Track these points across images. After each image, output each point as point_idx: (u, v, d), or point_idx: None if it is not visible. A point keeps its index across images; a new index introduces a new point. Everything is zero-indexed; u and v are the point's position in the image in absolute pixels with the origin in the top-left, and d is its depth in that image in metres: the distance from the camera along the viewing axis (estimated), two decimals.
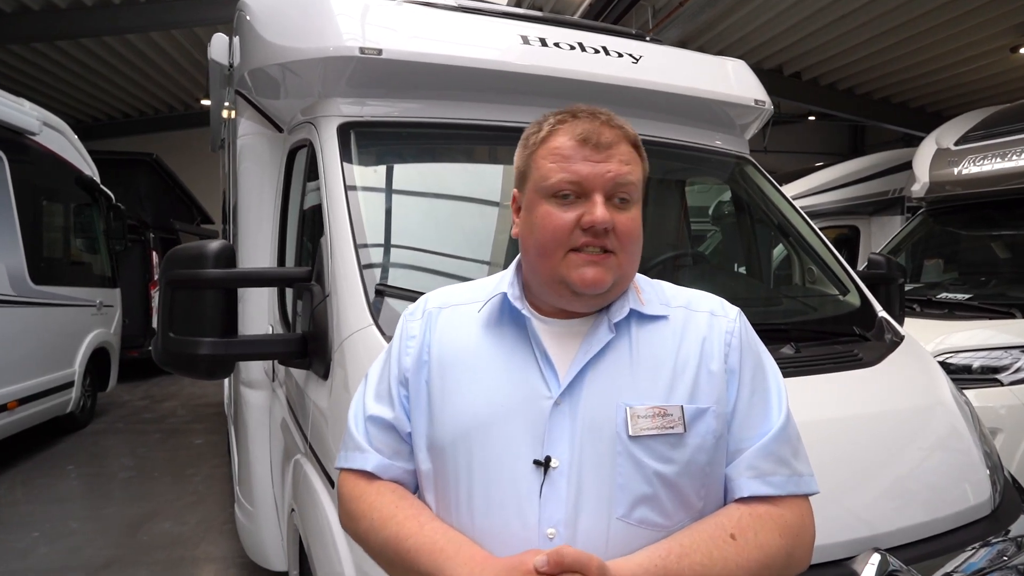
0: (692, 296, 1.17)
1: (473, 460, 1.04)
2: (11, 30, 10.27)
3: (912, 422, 1.86)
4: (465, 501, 1.04)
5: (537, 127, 1.12)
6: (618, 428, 1.01)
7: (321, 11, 2.39)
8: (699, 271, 2.92)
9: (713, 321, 1.12)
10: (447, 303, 1.19)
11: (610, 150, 1.05)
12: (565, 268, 1.04)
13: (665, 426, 1.02)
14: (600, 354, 1.06)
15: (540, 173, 1.08)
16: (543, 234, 1.06)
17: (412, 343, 1.15)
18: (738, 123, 3.03)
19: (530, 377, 1.05)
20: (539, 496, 0.99)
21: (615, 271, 1.05)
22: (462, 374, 1.09)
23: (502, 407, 1.04)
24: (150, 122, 16.57)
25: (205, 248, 1.90)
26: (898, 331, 2.39)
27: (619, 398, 1.03)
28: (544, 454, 1.00)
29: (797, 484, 1.07)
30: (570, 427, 1.02)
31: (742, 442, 1.06)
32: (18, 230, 5.66)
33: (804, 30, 10.60)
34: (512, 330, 1.10)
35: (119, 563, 3.92)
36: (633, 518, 1.00)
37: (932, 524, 1.68)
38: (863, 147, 16.87)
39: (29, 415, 5.80)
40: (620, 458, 1.00)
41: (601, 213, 1.02)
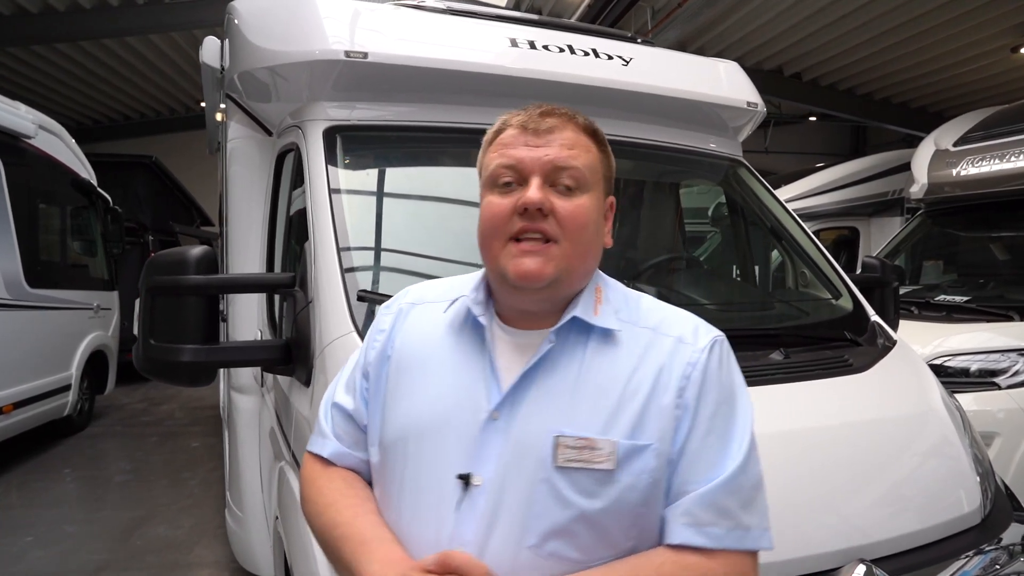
0: (666, 317, 1.07)
1: (408, 463, 1.03)
2: (10, 33, 10.29)
3: (901, 429, 1.83)
4: (396, 502, 1.04)
5: (491, 128, 1.11)
6: (545, 454, 0.95)
7: (307, 14, 2.38)
8: (690, 275, 2.90)
9: (678, 349, 1.02)
10: (421, 299, 1.17)
11: (550, 135, 1.02)
12: (504, 259, 0.99)
13: (592, 460, 0.94)
14: (548, 370, 1.00)
15: (485, 166, 1.07)
16: (484, 223, 1.03)
17: (380, 336, 1.14)
18: (731, 125, 3.00)
19: (475, 387, 1.02)
20: (455, 511, 0.97)
21: (558, 262, 0.98)
22: (416, 375, 1.07)
23: (442, 414, 1.02)
24: (150, 124, 16.60)
25: (186, 254, 1.88)
26: (891, 336, 2.36)
27: (553, 423, 0.97)
28: (473, 470, 0.97)
29: (739, 539, 0.96)
30: (501, 445, 0.97)
31: (686, 484, 0.97)
32: (13, 233, 5.64)
33: (804, 30, 10.57)
34: (471, 336, 1.06)
35: (112, 567, 3.91)
36: (544, 549, 0.94)
37: (921, 534, 1.65)
38: (864, 148, 16.81)
39: (25, 418, 5.79)
40: (541, 486, 0.95)
41: (534, 193, 0.98)
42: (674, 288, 2.58)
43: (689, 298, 2.49)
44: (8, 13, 10.02)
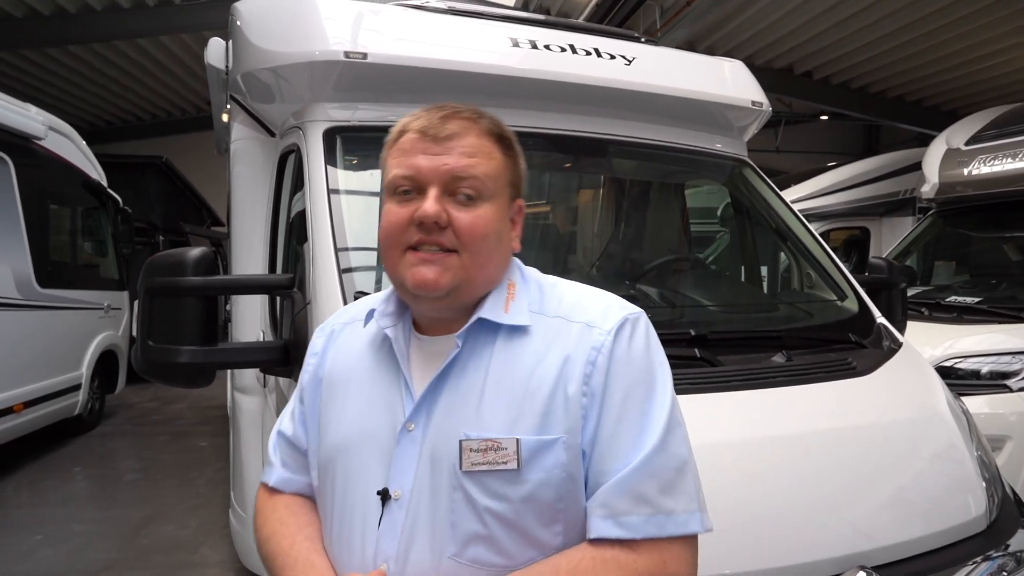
0: (579, 303, 1.03)
1: (336, 484, 1.02)
2: (24, 35, 10.40)
3: (904, 433, 1.80)
4: (328, 523, 1.04)
5: (392, 129, 1.06)
6: (455, 460, 0.93)
7: (307, 15, 2.38)
8: (692, 276, 2.87)
9: (584, 334, 0.97)
10: (353, 317, 1.14)
11: (450, 142, 0.97)
12: (402, 268, 0.97)
13: (497, 461, 0.92)
14: (458, 374, 0.98)
15: (386, 172, 1.03)
16: (382, 233, 1.01)
17: (312, 359, 1.14)
18: (736, 125, 2.97)
19: (391, 399, 1.00)
20: (376, 528, 0.96)
21: (456, 272, 0.96)
22: (341, 394, 1.06)
23: (363, 431, 1.01)
24: (161, 125, 16.73)
25: (184, 256, 1.88)
26: (896, 338, 2.33)
27: (461, 427, 0.95)
28: (391, 484, 0.96)
29: (660, 525, 0.91)
30: (416, 456, 0.96)
31: (601, 475, 0.93)
32: (24, 234, 5.70)
33: (814, 28, 10.48)
34: (387, 348, 1.04)
35: (119, 566, 3.93)
36: (465, 557, 0.93)
37: (924, 540, 1.62)
38: (877, 147, 16.66)
39: (36, 417, 5.84)
40: (455, 493, 0.93)
41: (430, 206, 0.94)
42: (675, 289, 2.56)
43: (691, 299, 2.47)
44: (21, 16, 10.13)
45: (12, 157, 5.51)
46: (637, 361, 0.97)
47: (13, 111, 5.60)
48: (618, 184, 3.14)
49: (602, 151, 2.73)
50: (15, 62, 11.99)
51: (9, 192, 5.51)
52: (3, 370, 5.31)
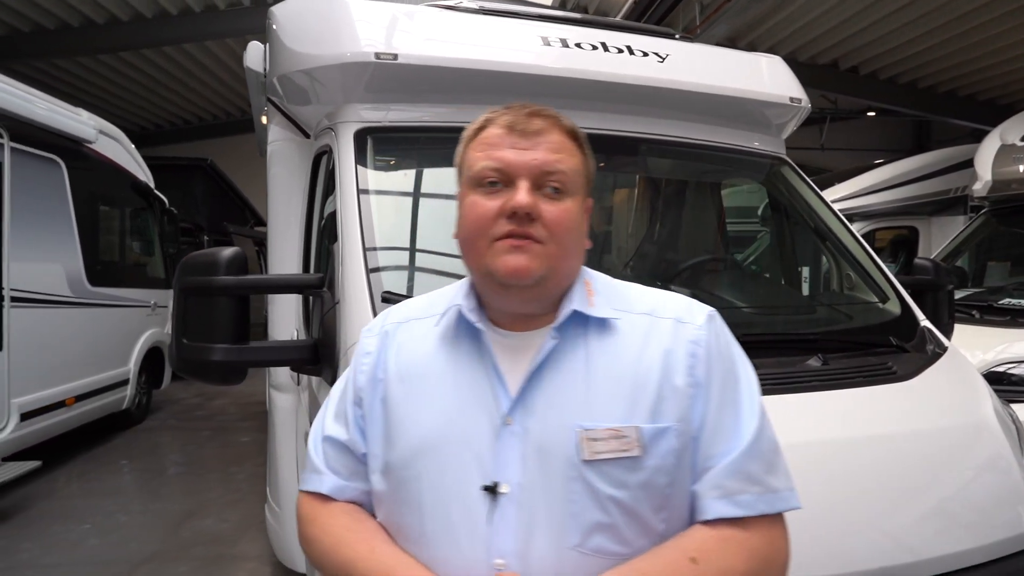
0: (659, 301, 1.09)
1: (423, 483, 0.99)
2: (79, 43, 10.81)
3: (947, 442, 1.73)
4: (417, 526, 1.00)
5: (472, 123, 1.09)
6: (570, 451, 0.95)
7: (339, 18, 2.40)
8: (727, 277, 2.81)
9: (678, 329, 1.04)
10: (407, 317, 1.14)
11: (538, 137, 1.01)
12: (490, 257, 0.98)
13: (620, 449, 0.95)
14: (554, 367, 1.00)
15: (468, 164, 1.05)
16: (468, 224, 1.02)
17: (367, 360, 1.11)
18: (774, 122, 2.90)
19: (482, 395, 1.00)
20: (487, 524, 0.95)
21: (543, 260, 0.98)
22: (417, 392, 1.04)
23: (453, 427, 1.00)
24: (206, 128, 17.19)
25: (217, 255, 1.91)
26: (941, 342, 2.24)
27: (572, 418, 0.97)
28: (497, 479, 0.96)
29: (770, 502, 0.99)
30: (521, 449, 0.97)
31: (709, 459, 0.99)
32: (76, 234, 5.92)
33: (861, 22, 10.17)
34: (468, 344, 1.05)
35: (160, 558, 4.04)
36: (588, 547, 0.95)
37: (969, 553, 1.55)
38: (928, 144, 16.08)
39: (86, 411, 6.06)
40: (573, 483, 0.95)
41: (523, 197, 0.97)
42: (709, 290, 2.51)
43: (725, 301, 2.41)
44: (77, 25, 10.53)
45: (64, 160, 5.73)
46: (726, 351, 1.05)
47: (65, 116, 5.82)
48: (652, 183, 3.09)
49: (635, 150, 2.69)
50: (70, 68, 12.47)
51: (62, 194, 5.73)
52: (55, 365, 5.53)
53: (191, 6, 10.47)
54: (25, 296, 5.11)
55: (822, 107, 14.80)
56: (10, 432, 4.86)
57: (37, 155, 5.35)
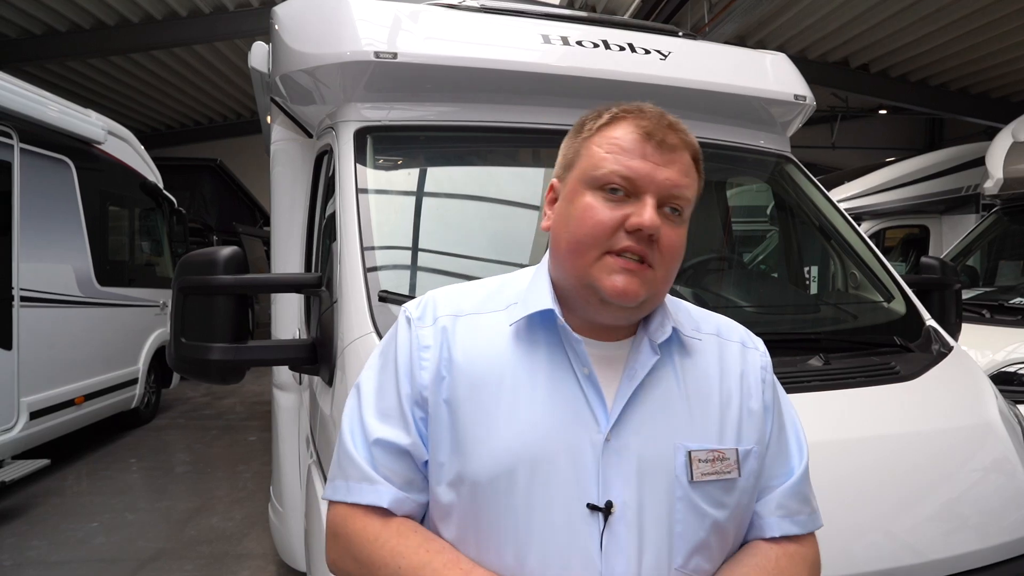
0: (720, 323, 1.12)
1: (521, 500, 0.92)
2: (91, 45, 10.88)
3: (949, 443, 1.70)
4: (511, 545, 0.92)
5: (597, 114, 1.02)
6: (677, 471, 0.94)
7: (340, 17, 2.40)
8: (730, 276, 2.79)
9: (746, 354, 1.08)
10: (461, 311, 1.04)
11: (673, 154, 0.96)
12: (597, 271, 0.94)
13: (723, 471, 0.96)
14: (648, 383, 0.98)
15: (591, 161, 0.97)
16: (581, 228, 0.95)
17: (427, 355, 1.00)
18: (778, 120, 2.87)
19: (576, 407, 0.95)
20: (599, 545, 0.91)
21: (650, 286, 0.95)
22: (495, 399, 0.96)
23: (549, 441, 0.93)
24: (215, 129, 17.29)
25: (216, 255, 1.91)
26: (947, 342, 2.20)
27: (675, 437, 0.96)
28: (603, 498, 0.92)
29: (815, 521, 1.07)
30: (623, 467, 0.93)
31: (771, 480, 1.04)
32: (85, 234, 5.97)
33: (871, 20, 10.08)
34: (548, 349, 0.98)
35: (166, 556, 4.07)
36: (689, 567, 0.95)
37: (972, 556, 1.53)
38: (941, 142, 15.92)
39: (96, 410, 6.11)
40: (680, 504, 0.94)
41: (651, 216, 0.92)
42: (710, 290, 2.48)
43: (726, 300, 2.39)
44: (88, 27, 10.62)
45: (74, 160, 5.77)
46: (774, 378, 1.11)
47: (75, 117, 5.86)
48: None
49: None
50: (82, 70, 12.57)
51: (71, 194, 5.77)
52: (64, 364, 5.57)
53: (200, 7, 10.53)
54: (35, 296, 5.16)
55: (832, 105, 14.69)
56: (19, 431, 4.90)
57: (46, 156, 5.39)
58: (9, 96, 4.86)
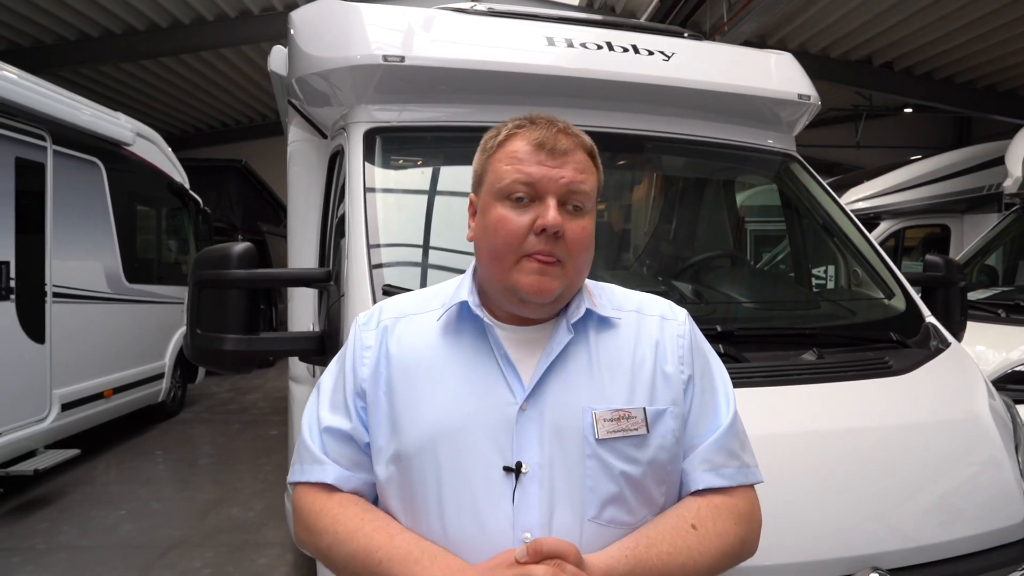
0: (643, 300, 1.21)
1: (442, 468, 1.03)
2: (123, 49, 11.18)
3: (934, 435, 1.73)
4: (435, 509, 1.03)
5: (495, 132, 1.14)
6: (585, 432, 1.04)
7: (350, 21, 2.49)
8: (730, 272, 2.82)
9: (664, 324, 1.17)
10: (403, 313, 1.18)
11: (565, 156, 1.07)
12: (516, 274, 1.05)
13: (629, 428, 1.05)
14: (561, 358, 1.08)
15: (496, 176, 1.09)
16: (496, 238, 1.06)
17: (368, 353, 1.14)
18: (783, 120, 2.90)
19: (494, 384, 1.07)
20: (512, 501, 1.01)
21: (562, 280, 1.06)
22: (424, 383, 1.09)
23: (468, 415, 1.05)
24: (240, 131, 17.60)
25: (230, 250, 2.01)
26: (945, 338, 2.22)
27: (583, 402, 1.06)
28: (515, 460, 1.02)
29: (746, 475, 1.13)
30: (537, 432, 1.04)
31: (695, 438, 1.12)
32: (114, 233, 6.17)
33: (893, 17, 9.95)
34: (472, 338, 1.11)
35: (188, 543, 4.21)
36: (603, 518, 1.03)
37: (950, 544, 1.57)
38: (969, 140, 15.59)
39: (124, 403, 6.31)
40: (589, 461, 1.03)
41: (553, 216, 1.03)
42: (710, 286, 2.53)
43: (725, 296, 2.43)
44: (120, 32, 10.91)
45: (103, 161, 5.97)
46: (702, 345, 1.19)
47: (105, 119, 6.06)
48: (658, 181, 3.12)
49: (640, 148, 2.73)
50: (113, 73, 12.91)
51: (101, 194, 5.98)
52: (95, 358, 5.77)
53: (226, 11, 10.76)
54: (66, 292, 5.35)
55: (857, 104, 14.50)
56: (51, 421, 5.09)
57: (78, 157, 5.59)
58: (43, 100, 5.06)
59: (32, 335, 4.93)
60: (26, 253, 4.92)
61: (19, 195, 4.84)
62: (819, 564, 1.49)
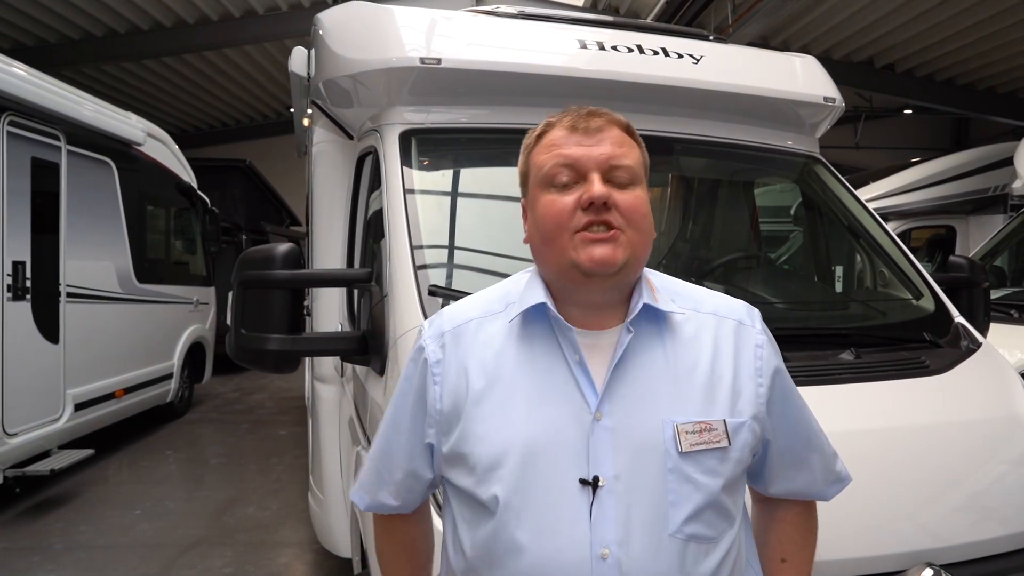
0: (719, 302, 1.16)
1: (517, 483, 1.00)
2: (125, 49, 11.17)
3: (976, 434, 1.76)
4: (512, 523, 1.00)
5: (531, 131, 1.14)
6: (666, 444, 1.00)
7: (384, 24, 2.51)
8: (763, 273, 2.85)
9: (742, 332, 1.12)
10: (466, 318, 1.14)
11: (600, 133, 1.05)
12: (573, 250, 1.01)
13: (712, 441, 1.02)
14: (636, 363, 1.04)
15: (537, 167, 1.08)
16: (546, 221, 1.04)
17: (437, 369, 1.10)
18: (807, 122, 2.93)
19: (568, 391, 1.03)
20: (589, 516, 0.98)
21: (626, 248, 1.01)
22: (497, 392, 1.05)
23: (542, 425, 1.02)
24: (243, 130, 17.60)
25: (274, 251, 2.03)
26: (976, 338, 2.26)
27: (662, 412, 1.02)
28: (591, 473, 0.99)
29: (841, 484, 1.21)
30: (613, 443, 1.00)
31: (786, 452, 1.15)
32: (125, 233, 6.17)
33: (896, 20, 10.02)
34: (543, 342, 1.07)
35: (207, 543, 4.22)
36: (684, 533, 0.99)
37: (995, 542, 1.60)
38: (967, 142, 15.72)
39: (134, 403, 6.32)
40: (671, 475, 1.00)
41: (599, 187, 1.01)
42: (742, 287, 2.56)
43: (758, 297, 2.46)
44: (123, 31, 10.90)
45: (115, 161, 5.98)
46: (777, 351, 1.16)
47: (116, 119, 6.06)
48: (687, 182, 3.14)
49: (671, 150, 2.75)
50: (114, 72, 12.89)
51: (112, 194, 5.98)
52: (106, 358, 5.78)
53: (231, 11, 10.76)
54: (79, 292, 5.35)
55: (857, 105, 14.58)
56: (65, 421, 5.10)
57: (91, 157, 5.59)
58: (58, 100, 5.06)
59: (47, 335, 4.93)
60: (40, 253, 4.92)
61: (34, 195, 4.85)
62: (871, 560, 1.51)
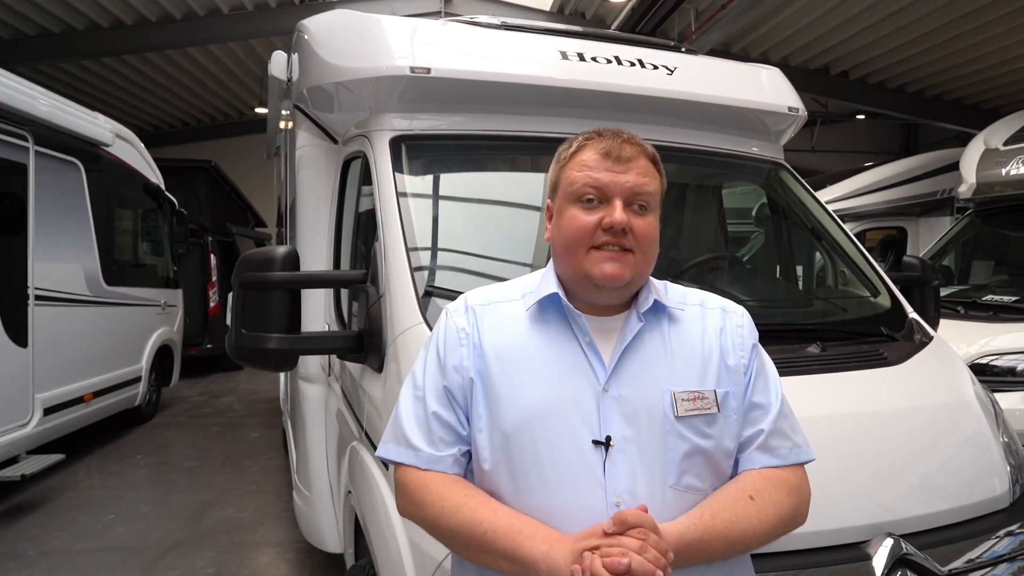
0: (703, 296, 1.37)
1: (538, 445, 1.17)
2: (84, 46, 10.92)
3: (932, 418, 1.94)
4: (536, 482, 1.17)
5: (568, 144, 1.31)
6: (665, 410, 1.19)
7: (374, 33, 2.59)
8: (733, 273, 3.02)
9: (726, 317, 1.32)
10: (486, 301, 1.32)
11: (629, 163, 1.22)
12: (588, 263, 1.20)
13: (703, 407, 1.21)
14: (639, 346, 1.23)
15: (568, 182, 1.25)
16: (568, 233, 1.23)
17: (463, 335, 1.27)
18: (773, 130, 3.11)
19: (581, 367, 1.21)
20: (603, 471, 1.16)
21: (632, 267, 1.20)
22: (519, 366, 1.22)
23: (559, 396, 1.19)
24: (208, 130, 17.30)
25: (273, 253, 2.11)
26: (928, 332, 2.45)
27: (661, 384, 1.21)
28: (603, 434, 1.17)
29: (798, 455, 1.28)
30: (620, 410, 1.18)
31: (751, 421, 1.27)
32: (93, 235, 6.08)
33: (850, 29, 10.44)
34: (558, 325, 1.25)
35: (187, 544, 4.22)
36: (681, 485, 1.18)
37: (948, 513, 1.76)
38: (916, 146, 16.41)
39: (103, 407, 6.23)
40: (669, 436, 1.18)
41: (619, 215, 1.18)
42: (714, 286, 2.71)
43: (733, 295, 2.61)
44: (82, 28, 10.66)
45: (83, 162, 5.89)
46: (755, 335, 1.33)
47: (85, 120, 5.97)
48: None
49: None
50: (72, 70, 12.58)
51: (80, 195, 5.89)
52: (75, 362, 5.69)
53: (195, 10, 10.62)
54: (48, 295, 5.27)
55: (813, 110, 15.07)
56: (34, 426, 5.02)
57: (59, 158, 5.51)
58: (26, 100, 4.98)
59: (15, 338, 4.85)
60: (8, 255, 4.84)
61: (2, 197, 4.77)
62: (838, 532, 1.66)
